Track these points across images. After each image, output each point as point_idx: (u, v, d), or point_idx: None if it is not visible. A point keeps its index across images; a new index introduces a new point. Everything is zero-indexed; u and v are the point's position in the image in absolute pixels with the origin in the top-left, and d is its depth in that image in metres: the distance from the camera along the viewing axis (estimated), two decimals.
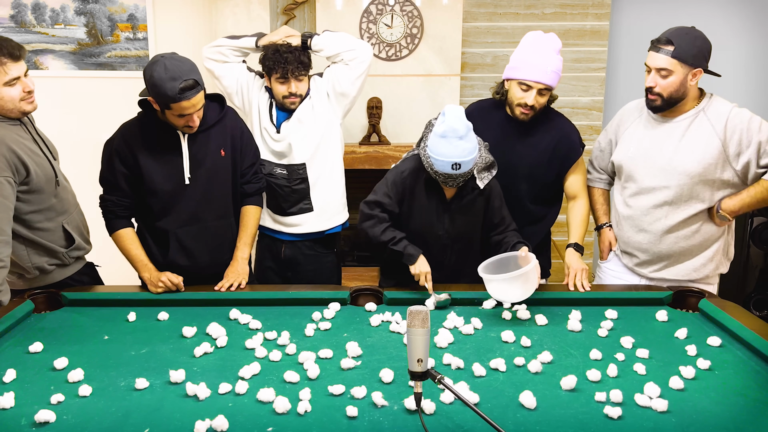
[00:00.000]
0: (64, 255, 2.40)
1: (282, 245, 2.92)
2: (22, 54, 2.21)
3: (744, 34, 4.19)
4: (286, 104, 2.77)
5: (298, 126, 2.79)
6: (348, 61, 2.78)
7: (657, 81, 2.33)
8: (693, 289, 2.34)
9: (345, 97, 2.84)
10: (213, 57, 2.83)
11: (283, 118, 2.81)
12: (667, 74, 2.31)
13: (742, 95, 4.25)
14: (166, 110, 2.29)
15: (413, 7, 3.86)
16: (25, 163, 2.21)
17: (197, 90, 2.26)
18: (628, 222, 2.52)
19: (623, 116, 2.61)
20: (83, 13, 3.94)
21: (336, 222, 2.94)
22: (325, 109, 2.83)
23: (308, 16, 4.02)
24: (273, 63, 2.69)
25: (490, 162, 2.38)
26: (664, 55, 2.30)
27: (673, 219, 2.43)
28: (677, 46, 2.29)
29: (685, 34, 2.32)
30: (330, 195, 2.90)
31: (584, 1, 3.97)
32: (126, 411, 1.62)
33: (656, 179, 2.43)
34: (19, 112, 2.25)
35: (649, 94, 2.39)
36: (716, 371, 1.82)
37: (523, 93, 2.46)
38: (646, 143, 2.45)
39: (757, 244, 3.90)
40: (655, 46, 2.34)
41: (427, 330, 1.51)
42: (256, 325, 2.13)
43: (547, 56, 2.44)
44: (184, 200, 2.46)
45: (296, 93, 2.74)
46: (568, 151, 2.60)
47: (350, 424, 1.57)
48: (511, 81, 2.51)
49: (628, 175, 2.51)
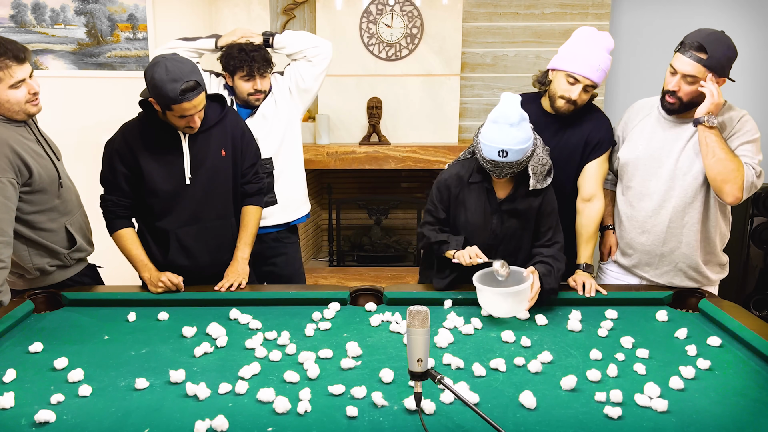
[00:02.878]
0: (66, 256, 2.40)
1: None
2: (27, 56, 2.22)
3: (744, 34, 4.19)
4: (251, 101, 2.85)
5: (263, 122, 2.88)
6: (311, 58, 2.90)
7: (681, 86, 2.26)
8: (693, 289, 2.34)
9: (308, 92, 2.95)
10: None
11: (245, 116, 2.88)
12: (693, 81, 2.24)
13: (742, 95, 4.25)
14: (167, 111, 2.30)
15: (413, 7, 3.86)
16: (28, 164, 2.21)
17: (198, 91, 2.27)
18: (631, 223, 2.51)
19: (631, 114, 2.57)
20: (83, 13, 3.94)
21: (300, 213, 3.08)
22: (287, 105, 2.94)
23: (308, 16, 4.02)
24: (239, 62, 2.77)
25: (549, 167, 2.29)
26: (696, 62, 2.20)
27: (677, 222, 2.42)
28: (711, 55, 2.18)
29: (718, 41, 2.21)
30: (294, 187, 3.03)
31: (584, 1, 3.97)
32: (126, 411, 1.62)
33: (661, 181, 2.41)
34: (24, 114, 2.25)
35: (668, 97, 2.32)
36: (716, 371, 1.82)
37: (569, 86, 2.41)
38: (655, 143, 2.42)
39: (757, 244, 3.90)
40: (686, 50, 2.23)
41: (427, 330, 1.51)
42: (256, 325, 2.13)
43: (599, 53, 2.39)
44: (185, 200, 2.46)
45: (261, 89, 2.82)
46: (594, 144, 2.51)
47: (350, 424, 1.57)
48: (557, 72, 2.45)
49: (632, 175, 2.49)
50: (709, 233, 2.44)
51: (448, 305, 2.27)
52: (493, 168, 2.20)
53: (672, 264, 2.48)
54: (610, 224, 2.66)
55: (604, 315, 2.20)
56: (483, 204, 2.33)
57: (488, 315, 2.20)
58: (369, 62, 4.00)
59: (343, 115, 4.11)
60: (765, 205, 3.87)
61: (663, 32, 4.14)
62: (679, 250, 2.45)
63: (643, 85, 3.84)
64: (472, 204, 2.33)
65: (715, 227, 2.44)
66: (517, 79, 4.07)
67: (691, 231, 2.42)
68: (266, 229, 2.97)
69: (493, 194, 2.32)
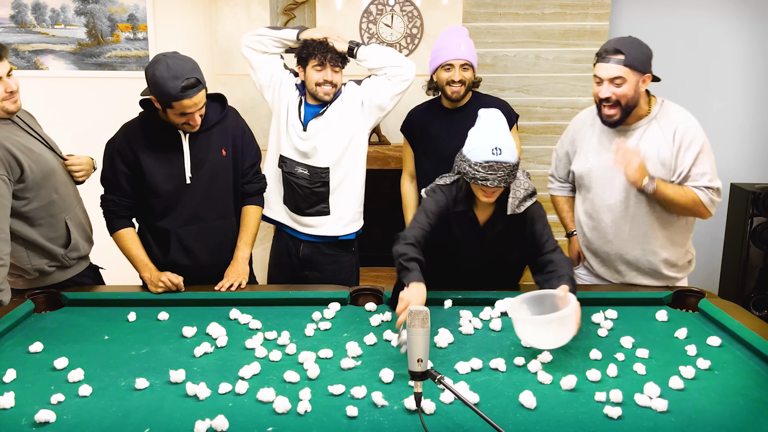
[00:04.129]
0: (64, 257, 2.40)
1: (301, 244, 2.91)
2: (3, 54, 2.19)
3: (743, 35, 4.19)
4: (319, 93, 2.75)
5: (327, 127, 2.78)
6: (391, 77, 2.79)
7: (612, 90, 2.31)
8: (693, 289, 2.34)
9: (381, 110, 2.85)
10: (252, 46, 2.82)
11: (310, 116, 2.79)
12: (621, 82, 2.30)
13: (742, 95, 4.25)
14: (168, 109, 2.30)
15: (413, 7, 3.86)
16: (19, 161, 2.20)
17: (199, 88, 2.27)
18: (594, 234, 2.54)
19: (575, 127, 2.60)
20: (83, 13, 3.94)
21: (351, 229, 2.93)
22: (356, 115, 2.82)
23: (308, 16, 4.02)
24: (313, 49, 2.71)
25: (531, 190, 2.26)
26: (616, 64, 2.29)
27: (638, 229, 2.43)
28: (627, 54, 2.28)
29: (630, 42, 2.32)
30: (348, 202, 2.89)
31: (584, 1, 3.97)
32: (126, 411, 1.62)
33: (617, 192, 2.42)
34: (2, 112, 2.24)
35: (605, 108, 2.35)
36: (716, 371, 1.82)
37: (448, 73, 2.78)
38: (605, 155, 2.44)
39: (757, 244, 3.90)
40: (603, 57, 2.32)
41: (427, 330, 1.52)
42: (256, 325, 2.13)
43: (457, 39, 2.79)
44: (185, 200, 2.46)
45: (331, 81, 2.73)
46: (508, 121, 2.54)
47: (350, 424, 1.57)
48: (437, 72, 2.83)
49: (588, 188, 2.52)
50: (673, 235, 2.46)
51: (448, 305, 2.27)
52: (486, 173, 2.07)
53: (637, 270, 2.50)
54: (573, 230, 2.69)
55: (604, 315, 2.20)
56: (466, 230, 2.28)
57: (493, 313, 2.19)
58: None
59: None
60: (765, 205, 3.87)
61: (663, 32, 4.14)
62: (644, 257, 2.47)
63: None
64: (457, 231, 2.28)
65: (677, 227, 2.46)
66: (517, 79, 4.07)
67: (653, 236, 2.44)
68: (314, 238, 2.89)
69: (476, 222, 2.27)
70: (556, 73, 4.03)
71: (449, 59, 2.76)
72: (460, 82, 2.77)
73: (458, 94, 2.79)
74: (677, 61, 4.16)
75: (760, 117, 4.28)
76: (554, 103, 4.07)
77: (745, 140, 4.30)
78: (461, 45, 2.78)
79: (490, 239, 2.28)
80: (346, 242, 2.94)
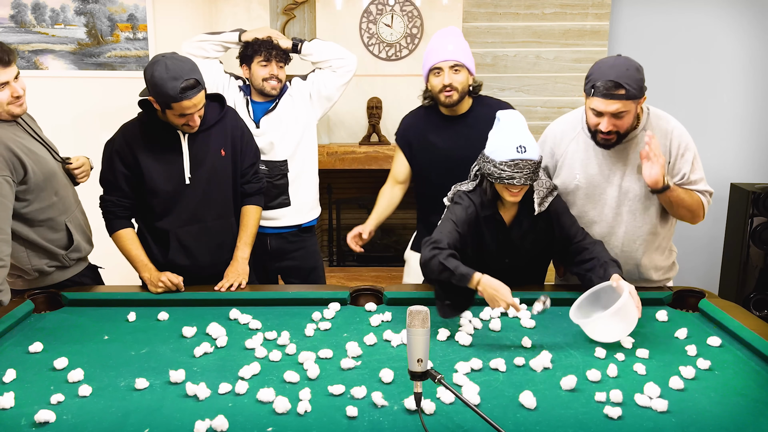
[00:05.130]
0: (64, 257, 2.40)
1: (267, 238, 2.99)
2: (12, 59, 2.20)
3: (743, 35, 4.19)
4: (266, 88, 2.85)
5: (279, 123, 2.89)
6: (336, 68, 2.93)
7: (614, 124, 2.21)
8: (693, 289, 2.34)
9: (329, 101, 2.99)
10: (194, 52, 2.88)
11: (261, 113, 2.89)
12: (623, 116, 2.20)
13: (742, 95, 4.25)
14: (167, 110, 2.30)
15: (413, 7, 3.86)
16: (23, 162, 2.21)
17: (198, 89, 2.27)
18: None
19: (555, 139, 2.48)
20: (83, 13, 3.94)
21: (311, 217, 3.08)
22: (306, 108, 2.96)
23: (308, 16, 4.02)
24: (258, 46, 2.80)
25: (552, 187, 2.27)
26: (617, 101, 2.16)
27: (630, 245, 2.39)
28: (628, 88, 2.15)
29: (626, 70, 2.18)
30: (307, 191, 3.03)
31: (584, 1, 3.97)
32: (126, 411, 1.62)
33: (608, 207, 2.37)
34: (8, 115, 2.25)
35: (602, 135, 2.25)
36: (716, 371, 1.82)
37: (439, 78, 2.54)
38: (592, 170, 2.37)
39: (757, 244, 3.90)
40: (602, 92, 2.17)
41: (427, 330, 1.51)
42: (256, 325, 2.13)
43: (444, 39, 2.55)
44: (185, 200, 2.46)
45: (277, 75, 2.83)
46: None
47: (350, 424, 1.57)
48: (428, 77, 2.59)
49: (573, 202, 2.42)
50: (659, 242, 2.43)
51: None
52: (513, 172, 2.08)
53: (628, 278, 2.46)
54: None
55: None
56: (494, 233, 2.27)
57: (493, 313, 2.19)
58: (369, 62, 4.00)
59: (343, 115, 4.10)
60: (765, 205, 3.87)
61: (663, 32, 4.14)
62: (637, 270, 2.44)
63: None
64: (486, 234, 2.27)
65: (665, 235, 2.44)
66: (517, 79, 4.07)
67: (644, 249, 2.40)
68: (278, 229, 2.99)
69: (502, 223, 2.27)
70: (556, 73, 4.04)
71: (436, 62, 2.53)
72: (451, 87, 2.53)
73: (451, 99, 2.55)
74: (677, 61, 4.16)
75: (760, 117, 4.28)
76: (554, 103, 4.08)
77: (745, 140, 4.30)
78: (449, 45, 2.53)
79: (518, 239, 2.29)
80: (308, 227, 3.10)
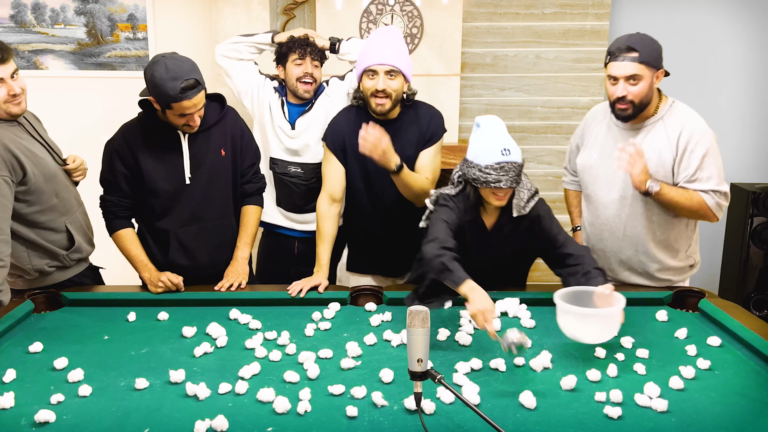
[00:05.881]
0: (65, 257, 2.39)
1: (295, 242, 2.97)
2: (6, 56, 2.17)
3: (744, 34, 4.19)
4: (299, 90, 2.81)
5: (315, 123, 2.83)
6: None
7: (628, 89, 2.26)
8: (693, 289, 2.34)
9: None
10: (228, 54, 2.87)
11: (296, 115, 2.85)
12: (636, 81, 2.25)
13: (742, 95, 4.25)
14: (167, 110, 2.30)
15: (413, 7, 3.86)
16: (21, 163, 2.20)
17: (198, 89, 2.27)
18: (592, 229, 2.53)
19: (588, 120, 2.59)
20: (83, 13, 3.94)
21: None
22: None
23: (308, 16, 4.01)
24: (292, 44, 2.77)
25: (534, 190, 2.28)
26: (631, 62, 2.23)
27: (633, 230, 2.41)
28: (641, 51, 2.23)
29: (641, 38, 2.26)
30: None
31: (584, 1, 3.97)
32: (126, 411, 1.62)
33: (615, 189, 2.40)
34: (5, 114, 2.23)
35: (619, 104, 2.30)
36: (716, 371, 1.82)
37: (373, 81, 2.42)
38: (608, 151, 2.42)
39: (757, 244, 3.90)
40: (616, 56, 2.26)
41: (427, 330, 1.52)
42: (256, 325, 2.13)
43: (383, 41, 2.42)
44: (185, 200, 2.46)
45: (312, 74, 2.79)
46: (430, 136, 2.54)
47: (350, 424, 1.57)
48: (361, 78, 2.46)
49: (587, 183, 2.50)
50: (670, 240, 2.43)
51: (448, 305, 2.27)
52: (499, 175, 2.08)
53: (630, 270, 2.48)
54: (578, 225, 2.68)
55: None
56: (476, 237, 2.28)
57: None
58: None
59: None
60: (765, 205, 3.86)
61: (663, 32, 4.11)
62: (636, 257, 2.45)
63: None
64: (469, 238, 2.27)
65: (677, 232, 2.43)
66: (517, 79, 4.07)
67: (647, 238, 2.41)
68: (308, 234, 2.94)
69: (484, 227, 2.27)
70: (556, 73, 4.03)
71: (372, 64, 2.39)
72: (384, 93, 2.41)
73: (382, 108, 2.43)
74: (677, 60, 4.15)
75: (760, 117, 4.28)
76: (554, 103, 4.07)
77: (745, 140, 4.30)
78: (387, 48, 2.40)
79: (499, 243, 2.28)
80: None
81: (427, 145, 2.54)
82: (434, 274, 2.08)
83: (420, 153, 2.54)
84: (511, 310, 2.21)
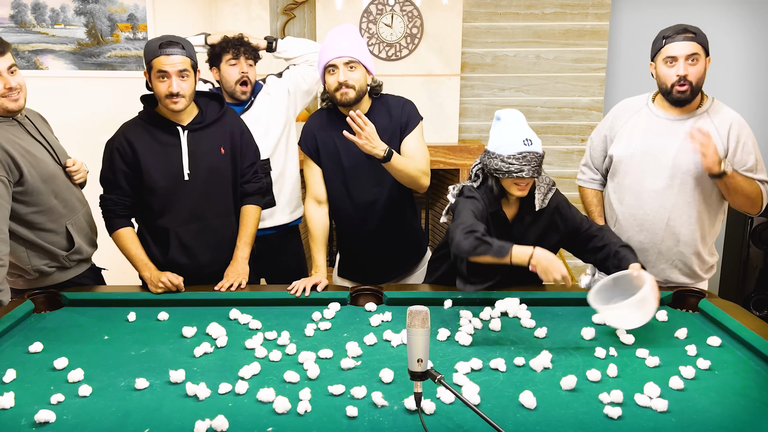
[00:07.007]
0: (65, 258, 2.39)
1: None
2: (5, 49, 2.15)
3: (743, 35, 4.19)
4: (237, 93, 2.83)
5: (256, 121, 2.85)
6: (313, 62, 2.93)
7: (688, 69, 2.31)
8: (693, 289, 2.34)
9: (308, 94, 3.00)
10: None
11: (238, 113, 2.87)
12: (695, 60, 2.31)
13: (742, 95, 4.25)
14: (152, 77, 2.33)
15: (413, 7, 3.86)
16: (18, 164, 2.19)
17: (180, 51, 2.30)
18: (628, 221, 2.51)
19: (617, 113, 2.59)
20: (83, 13, 3.94)
21: (296, 215, 3.07)
22: (285, 106, 2.95)
23: (308, 16, 4.02)
24: (226, 44, 2.79)
25: (551, 182, 2.31)
26: (690, 41, 2.30)
27: (676, 219, 2.42)
28: (697, 33, 2.30)
29: (692, 25, 2.35)
30: (290, 189, 3.02)
31: (584, 1, 3.97)
32: (126, 411, 1.62)
33: (660, 178, 2.42)
34: (1, 109, 2.21)
35: (679, 85, 2.33)
36: (716, 371, 1.82)
37: (334, 76, 2.42)
38: (651, 140, 2.43)
39: (757, 244, 3.90)
40: (673, 37, 2.31)
41: (427, 330, 1.52)
42: (256, 325, 2.13)
43: (338, 36, 2.44)
44: (184, 197, 2.46)
45: (247, 74, 2.81)
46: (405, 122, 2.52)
47: (350, 424, 1.57)
48: (324, 77, 2.47)
49: (626, 173, 2.49)
50: (705, 231, 2.46)
51: (448, 305, 2.27)
52: (521, 165, 2.12)
53: (669, 261, 2.48)
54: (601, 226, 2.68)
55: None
56: (498, 229, 2.28)
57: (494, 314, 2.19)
58: None
59: None
60: None
61: None
62: (676, 247, 2.46)
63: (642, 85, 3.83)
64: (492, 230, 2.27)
65: (711, 225, 2.46)
66: (517, 79, 4.07)
67: (689, 229, 2.43)
68: (265, 231, 2.95)
69: (506, 219, 2.29)
70: (556, 73, 4.04)
71: (330, 59, 2.41)
72: (346, 85, 2.41)
73: (347, 97, 2.42)
74: None
75: (761, 117, 4.28)
76: (554, 103, 4.08)
77: None
78: (343, 41, 2.42)
79: (520, 235, 2.30)
80: (293, 228, 3.08)
81: (406, 132, 2.53)
82: (470, 253, 2.05)
83: (403, 141, 2.52)
84: (511, 310, 2.20)
